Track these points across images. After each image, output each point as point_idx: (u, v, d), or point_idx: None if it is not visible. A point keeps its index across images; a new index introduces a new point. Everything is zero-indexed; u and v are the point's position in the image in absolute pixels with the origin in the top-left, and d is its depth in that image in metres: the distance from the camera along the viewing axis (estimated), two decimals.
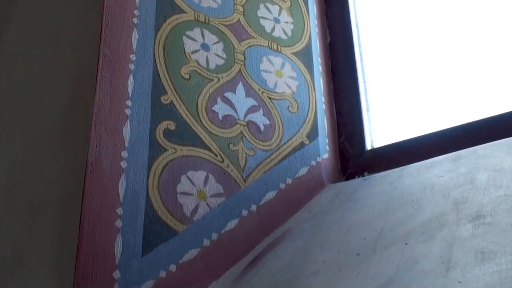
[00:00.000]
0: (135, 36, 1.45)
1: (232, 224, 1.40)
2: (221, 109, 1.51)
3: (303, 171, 1.58)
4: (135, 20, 1.46)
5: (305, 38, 1.80)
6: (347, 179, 1.64)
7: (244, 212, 1.43)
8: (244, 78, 1.59)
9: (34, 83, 1.67)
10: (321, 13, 1.91)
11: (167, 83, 1.45)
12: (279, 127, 1.59)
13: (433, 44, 1.78)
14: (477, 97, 1.59)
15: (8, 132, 1.69)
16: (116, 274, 1.20)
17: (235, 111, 1.53)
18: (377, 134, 1.70)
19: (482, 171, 1.19)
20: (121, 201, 1.26)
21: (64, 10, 1.68)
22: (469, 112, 1.53)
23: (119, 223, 1.24)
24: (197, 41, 1.55)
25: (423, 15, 1.86)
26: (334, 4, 1.93)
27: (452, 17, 1.78)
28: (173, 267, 1.27)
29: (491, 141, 1.30)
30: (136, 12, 1.48)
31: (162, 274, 1.26)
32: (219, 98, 1.52)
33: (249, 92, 1.59)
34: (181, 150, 1.39)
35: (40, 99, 1.59)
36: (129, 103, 1.37)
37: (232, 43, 1.62)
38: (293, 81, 1.69)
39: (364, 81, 1.77)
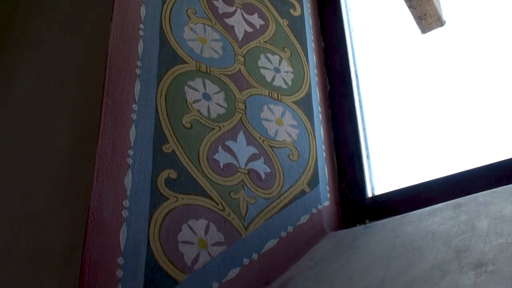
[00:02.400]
0: (137, 86, 1.47)
1: (233, 273, 1.39)
2: (222, 157, 1.52)
3: (304, 219, 1.58)
4: (137, 71, 1.49)
5: (305, 87, 1.82)
6: (348, 226, 1.63)
7: (245, 261, 1.42)
8: (245, 127, 1.61)
9: (37, 133, 1.68)
10: (320, 62, 1.94)
11: (169, 132, 1.46)
12: (280, 175, 1.60)
13: (432, 92, 1.81)
14: (477, 144, 1.60)
15: (10, 182, 1.70)
16: None
17: (236, 160, 1.54)
18: (378, 181, 1.70)
19: (482, 218, 1.19)
20: (122, 250, 1.26)
21: (68, 61, 1.71)
22: (469, 159, 1.54)
23: (119, 273, 1.23)
24: (198, 91, 1.58)
25: (422, 64, 1.89)
26: (333, 53, 1.96)
27: (451, 64, 1.81)
28: None
29: (491, 188, 1.30)
30: (139, 63, 1.50)
31: None
32: (220, 147, 1.53)
33: (250, 140, 1.60)
34: (182, 198, 1.40)
35: (43, 149, 1.61)
36: (131, 152, 1.38)
37: (233, 93, 1.64)
38: (294, 129, 1.71)
39: (364, 129, 1.79)
